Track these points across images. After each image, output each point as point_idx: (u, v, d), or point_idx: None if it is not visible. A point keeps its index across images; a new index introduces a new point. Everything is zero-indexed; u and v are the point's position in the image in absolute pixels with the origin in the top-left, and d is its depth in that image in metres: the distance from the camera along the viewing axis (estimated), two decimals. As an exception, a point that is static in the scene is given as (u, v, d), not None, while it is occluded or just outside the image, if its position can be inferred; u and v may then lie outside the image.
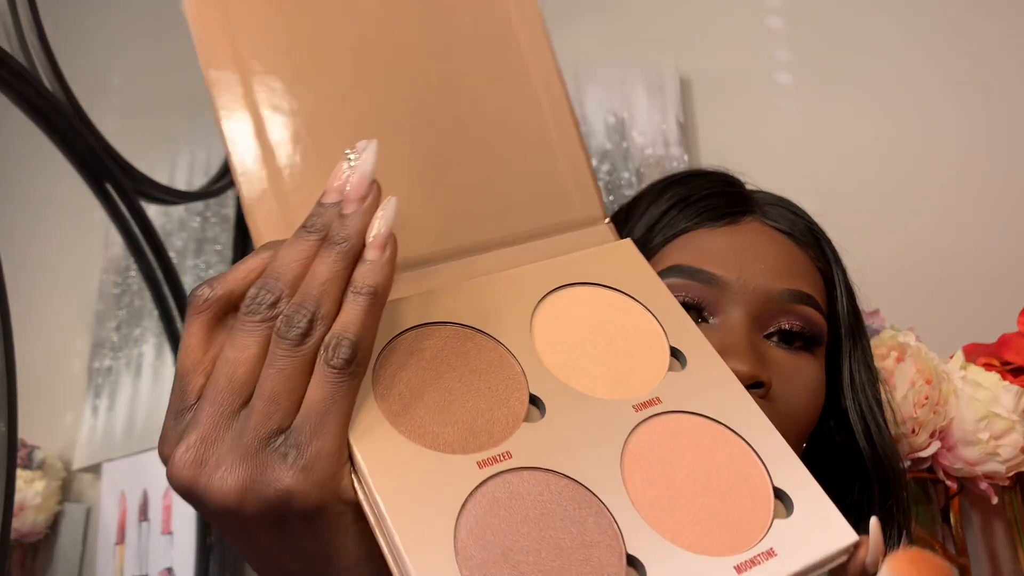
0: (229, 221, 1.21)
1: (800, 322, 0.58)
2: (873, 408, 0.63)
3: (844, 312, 0.63)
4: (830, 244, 0.66)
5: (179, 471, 0.32)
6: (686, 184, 0.65)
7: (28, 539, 0.95)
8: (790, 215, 0.64)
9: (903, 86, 1.43)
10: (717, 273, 0.57)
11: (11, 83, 0.73)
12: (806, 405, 0.58)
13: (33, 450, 0.96)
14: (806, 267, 0.61)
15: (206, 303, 0.34)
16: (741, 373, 0.54)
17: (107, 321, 1.06)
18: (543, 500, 0.34)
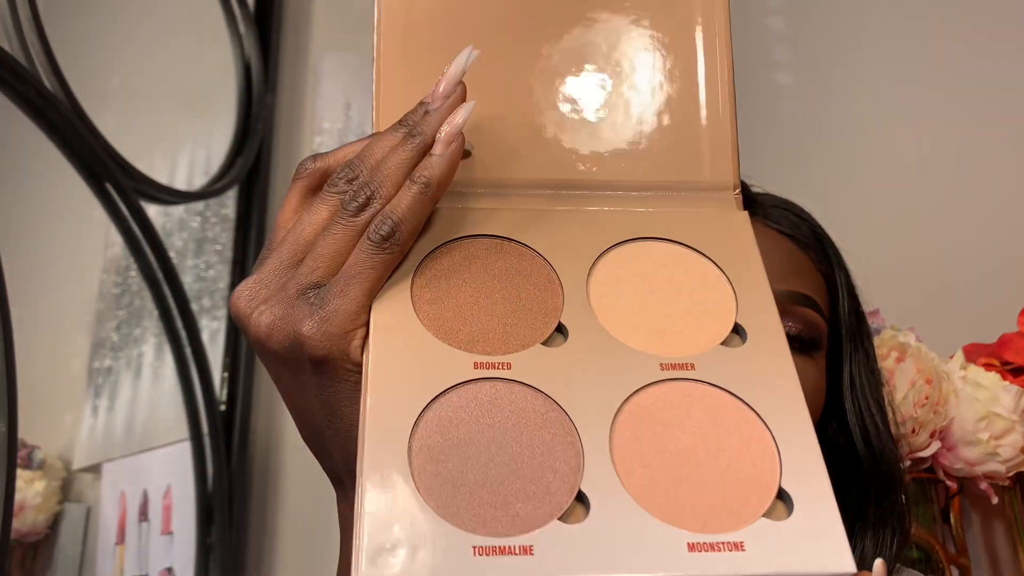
0: (229, 221, 1.21)
1: (799, 324, 0.58)
2: (872, 411, 0.63)
3: (845, 315, 0.63)
4: (833, 247, 0.66)
5: (236, 299, 0.38)
6: None
7: (28, 539, 0.95)
8: (793, 217, 0.65)
9: (903, 86, 1.43)
10: None
11: (11, 83, 0.73)
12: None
13: (33, 450, 0.96)
14: (807, 269, 0.62)
15: (307, 172, 0.40)
16: None
17: (107, 321, 1.06)
18: (520, 416, 0.34)
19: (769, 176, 1.39)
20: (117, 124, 0.93)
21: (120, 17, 1.10)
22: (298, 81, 1.36)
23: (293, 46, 1.38)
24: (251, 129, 1.22)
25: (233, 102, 1.23)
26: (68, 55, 0.83)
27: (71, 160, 0.84)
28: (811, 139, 1.39)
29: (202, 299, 1.15)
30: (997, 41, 1.46)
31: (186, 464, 1.03)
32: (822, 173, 1.37)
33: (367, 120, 1.29)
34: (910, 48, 1.46)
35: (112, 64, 1.07)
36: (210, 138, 1.20)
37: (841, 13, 1.47)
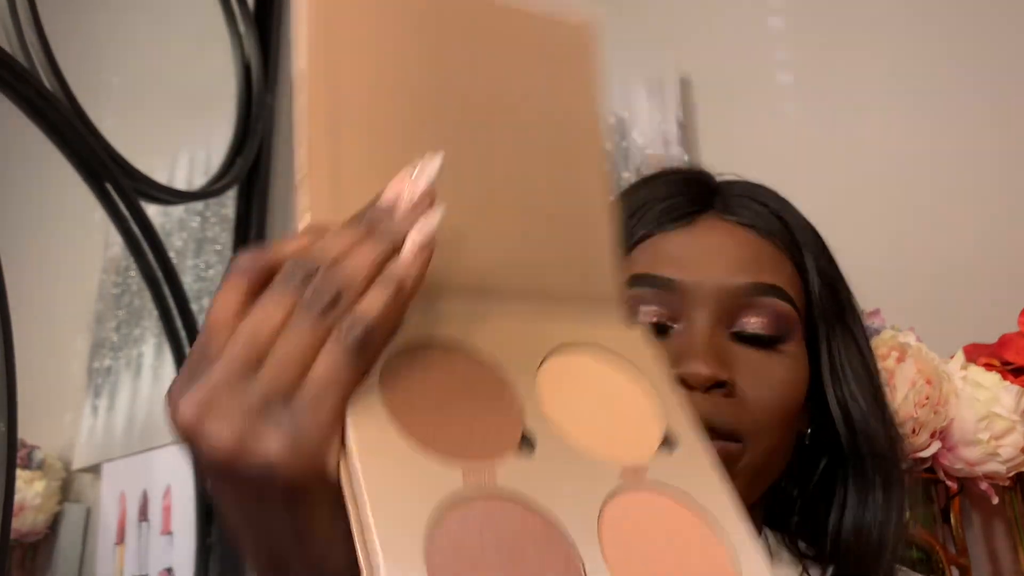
0: (229, 221, 1.20)
1: (765, 316, 0.58)
2: (855, 393, 0.61)
3: (817, 296, 0.61)
4: (804, 229, 0.64)
5: (184, 409, 0.33)
6: (644, 189, 0.66)
7: (28, 539, 0.95)
8: (755, 205, 0.63)
9: (903, 86, 1.43)
10: (674, 277, 0.58)
11: (11, 83, 0.73)
12: (778, 400, 0.57)
13: (33, 450, 0.96)
14: (770, 257, 0.60)
15: (247, 268, 0.35)
16: (699, 375, 0.55)
17: (107, 321, 1.06)
18: (517, 529, 0.35)
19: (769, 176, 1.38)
20: (117, 124, 0.93)
21: (120, 17, 1.10)
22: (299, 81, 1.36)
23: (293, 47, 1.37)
24: (251, 129, 1.22)
25: (233, 102, 1.23)
26: (68, 55, 0.83)
27: (71, 160, 0.84)
28: (811, 139, 1.39)
29: (202, 299, 1.15)
30: (997, 41, 1.46)
31: (186, 464, 1.03)
32: (822, 173, 1.37)
33: (367, 120, 1.30)
34: (910, 48, 1.46)
35: (112, 64, 1.07)
36: (210, 138, 1.20)
37: (841, 13, 1.47)
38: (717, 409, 0.56)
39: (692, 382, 0.55)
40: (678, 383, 0.56)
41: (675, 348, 0.57)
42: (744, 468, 0.57)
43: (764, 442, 0.57)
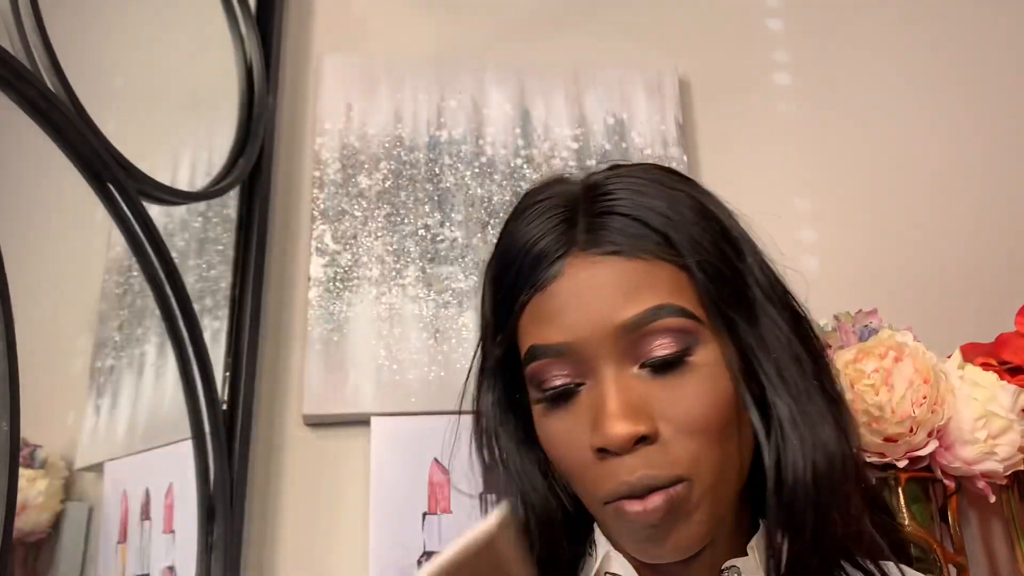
0: (231, 221, 1.21)
1: (661, 338, 0.56)
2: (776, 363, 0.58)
3: (709, 289, 0.58)
4: (676, 221, 0.59)
5: None
6: (509, 237, 0.62)
7: (30, 538, 0.96)
8: (616, 221, 0.59)
9: (902, 87, 1.44)
10: (562, 341, 0.57)
11: (13, 84, 0.73)
12: (703, 415, 0.56)
13: (35, 449, 0.97)
14: (645, 277, 0.57)
15: None
16: (618, 438, 0.54)
17: (109, 321, 1.06)
18: None
19: (768, 176, 1.39)
20: (119, 125, 0.93)
21: (122, 18, 1.11)
22: (299, 82, 1.36)
23: (294, 47, 1.38)
24: (253, 130, 1.22)
25: (235, 103, 1.24)
26: (70, 56, 0.83)
27: (73, 161, 0.84)
28: (809, 140, 1.39)
29: (204, 299, 1.15)
30: (996, 41, 1.47)
31: (188, 463, 1.03)
32: (821, 173, 1.37)
33: (368, 121, 1.30)
34: (908, 48, 1.46)
35: (114, 65, 1.07)
36: (212, 139, 1.21)
37: (841, 13, 1.48)
38: (650, 463, 0.55)
39: (614, 448, 0.55)
40: (601, 454, 0.55)
41: (590, 408, 0.57)
42: (701, 497, 0.56)
43: (707, 464, 0.56)
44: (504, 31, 1.42)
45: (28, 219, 0.94)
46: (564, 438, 0.59)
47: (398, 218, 1.26)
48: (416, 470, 1.13)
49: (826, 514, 0.56)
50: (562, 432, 0.59)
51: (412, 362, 1.18)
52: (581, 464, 0.58)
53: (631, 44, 1.43)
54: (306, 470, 1.16)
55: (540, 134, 1.32)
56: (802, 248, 1.30)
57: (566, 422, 0.59)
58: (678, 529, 0.56)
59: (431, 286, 1.22)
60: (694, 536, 0.57)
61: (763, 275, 0.62)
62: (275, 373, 1.20)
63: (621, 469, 0.56)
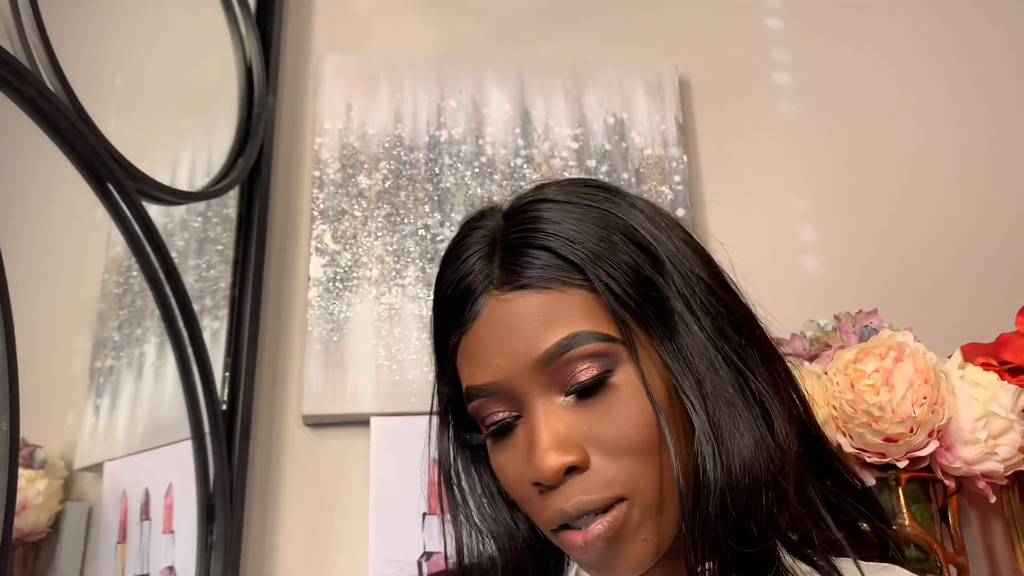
0: (230, 221, 1.21)
1: (579, 366, 0.56)
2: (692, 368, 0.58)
3: (621, 306, 0.57)
4: (583, 244, 0.59)
5: None
6: (438, 290, 0.64)
7: (30, 538, 0.96)
8: (526, 253, 0.59)
9: (902, 87, 1.44)
10: (490, 381, 0.58)
11: (13, 83, 0.73)
12: (630, 436, 0.56)
13: (35, 449, 0.96)
14: (556, 308, 0.57)
15: None
16: (548, 472, 0.55)
17: (109, 321, 1.06)
18: None
19: (767, 176, 1.39)
20: (119, 125, 0.93)
21: (122, 18, 1.11)
22: (299, 82, 1.36)
23: (294, 47, 1.38)
24: (252, 130, 1.22)
25: (234, 103, 1.24)
26: (70, 55, 0.83)
27: (73, 160, 0.84)
28: (808, 140, 1.39)
29: (204, 299, 1.15)
30: (995, 42, 1.47)
31: (188, 463, 1.03)
32: (820, 174, 1.37)
33: (368, 121, 1.30)
34: (908, 48, 1.46)
35: (114, 65, 1.07)
36: (211, 139, 1.20)
37: (840, 14, 1.48)
38: (585, 490, 0.56)
39: (546, 482, 0.56)
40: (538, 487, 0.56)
41: (526, 443, 0.58)
42: (643, 515, 0.56)
43: (644, 480, 0.56)
44: (504, 31, 1.42)
45: (28, 219, 0.94)
46: (509, 472, 0.60)
47: (398, 218, 1.26)
48: (416, 470, 1.12)
49: (744, 523, 0.55)
50: (507, 466, 0.60)
51: (412, 362, 1.18)
52: (524, 496, 0.60)
53: (631, 44, 1.42)
54: (306, 470, 1.16)
55: (540, 134, 1.32)
56: (802, 248, 1.30)
57: (508, 456, 0.60)
58: (625, 550, 0.57)
59: (431, 286, 1.22)
60: (643, 554, 0.57)
61: (683, 281, 0.60)
62: (275, 373, 1.20)
63: (557, 499, 0.57)
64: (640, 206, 0.63)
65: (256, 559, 1.11)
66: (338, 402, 1.15)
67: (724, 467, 0.56)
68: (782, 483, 0.57)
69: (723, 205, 1.31)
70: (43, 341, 0.92)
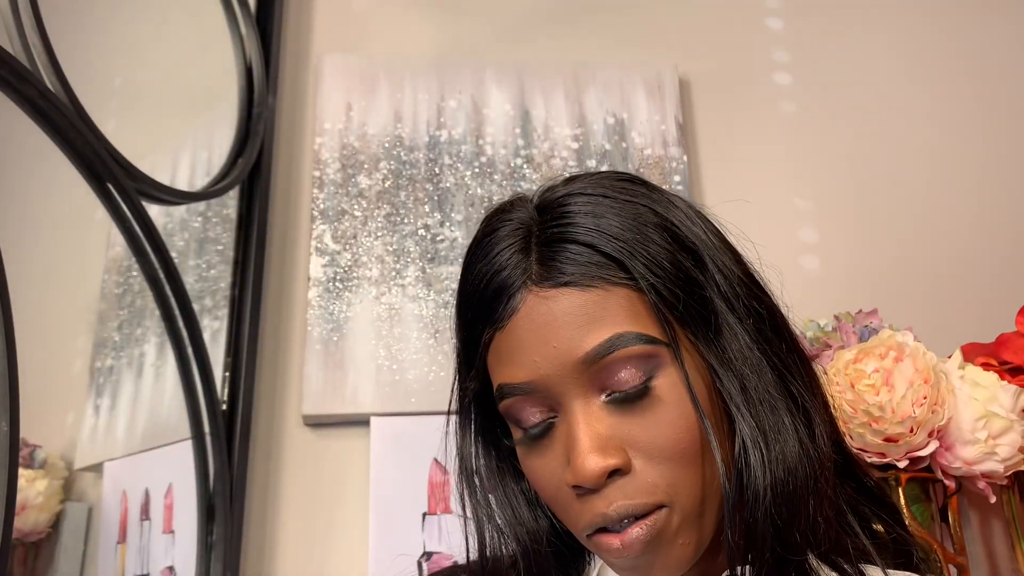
0: (230, 221, 1.21)
1: (622, 369, 0.55)
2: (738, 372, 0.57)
3: (667, 307, 0.56)
4: (628, 242, 0.57)
5: None
6: (468, 284, 0.61)
7: (30, 538, 0.96)
8: (567, 249, 0.57)
9: (902, 87, 1.44)
10: (527, 380, 0.56)
11: (13, 83, 0.73)
12: (673, 441, 0.55)
13: (35, 449, 0.96)
14: (599, 307, 0.56)
15: None
16: (590, 476, 0.53)
17: (109, 321, 1.06)
18: None
19: (767, 176, 1.39)
20: (119, 125, 0.93)
21: (122, 17, 1.11)
22: (299, 82, 1.36)
23: (294, 47, 1.38)
24: (252, 130, 1.22)
25: (234, 103, 1.24)
26: (70, 55, 0.83)
27: (73, 160, 0.84)
28: (808, 140, 1.39)
29: (204, 299, 1.15)
30: (995, 42, 1.47)
31: (188, 463, 1.03)
32: (820, 174, 1.37)
33: (368, 121, 1.30)
34: (909, 48, 1.46)
35: (114, 65, 1.07)
36: (211, 139, 1.20)
37: (840, 14, 1.48)
38: (627, 494, 0.54)
39: (588, 485, 0.54)
40: (577, 490, 0.55)
41: (564, 445, 0.56)
42: (682, 521, 0.56)
43: (685, 487, 0.55)
44: (504, 31, 1.42)
45: (28, 219, 0.94)
46: (544, 475, 0.58)
47: (398, 218, 1.26)
48: (416, 470, 1.12)
49: (788, 529, 0.55)
50: (542, 469, 0.59)
51: (412, 362, 1.18)
52: (558, 499, 0.58)
53: (631, 44, 1.42)
54: (306, 470, 1.16)
55: (540, 134, 1.32)
56: (802, 248, 1.30)
57: (543, 458, 0.58)
58: (662, 555, 0.56)
59: (431, 286, 1.22)
60: (680, 558, 0.57)
61: (725, 281, 0.59)
62: (275, 373, 1.20)
63: (599, 502, 0.55)
64: (677, 203, 0.62)
65: (256, 559, 1.11)
66: (338, 402, 1.15)
67: (771, 473, 0.55)
68: (824, 489, 0.56)
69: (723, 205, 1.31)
70: (43, 341, 0.92)
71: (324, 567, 1.12)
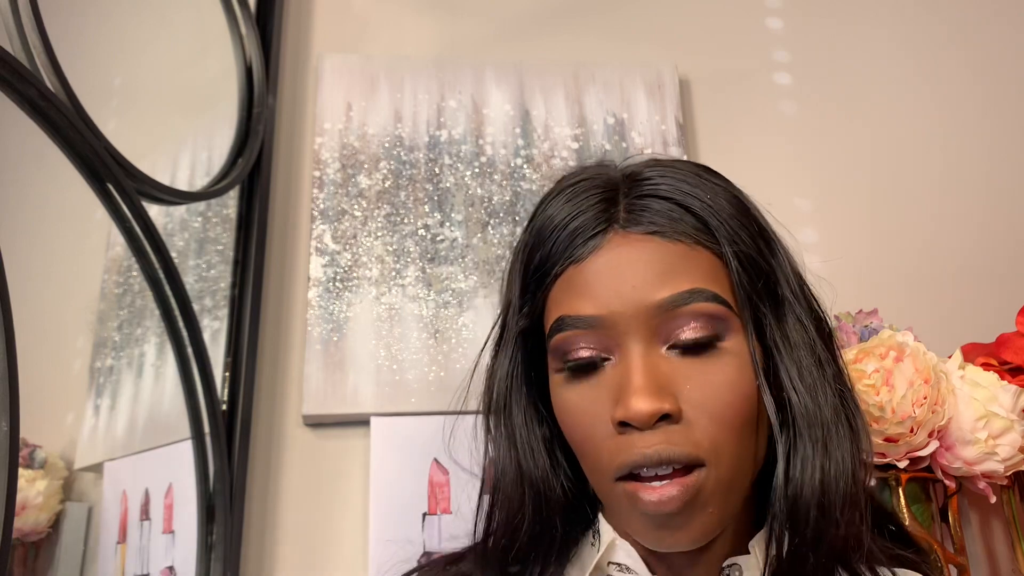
0: (230, 221, 1.21)
1: (694, 322, 0.56)
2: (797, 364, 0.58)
3: (743, 281, 0.58)
4: (718, 210, 0.59)
5: None
6: (547, 210, 0.62)
7: (30, 538, 0.96)
8: (657, 203, 0.59)
9: (902, 86, 1.44)
10: (594, 314, 0.57)
11: (13, 84, 0.73)
12: (727, 403, 0.56)
13: (35, 449, 0.96)
14: (683, 260, 0.57)
15: None
16: (641, 414, 0.54)
17: (109, 321, 1.06)
18: None
19: (768, 176, 1.39)
20: (119, 125, 0.93)
21: (122, 18, 1.11)
22: (299, 82, 1.36)
23: (294, 47, 1.38)
24: (252, 130, 1.22)
25: (234, 103, 1.24)
26: (70, 55, 0.83)
27: (73, 161, 0.84)
28: (809, 139, 1.39)
29: (204, 299, 1.15)
30: (996, 42, 1.47)
31: (188, 463, 1.03)
32: (820, 174, 1.37)
33: (368, 121, 1.30)
34: (909, 48, 1.46)
35: (114, 65, 1.07)
36: (211, 139, 1.20)
37: (840, 14, 1.48)
38: (670, 440, 0.55)
39: (637, 423, 0.54)
40: (622, 428, 0.55)
41: (615, 382, 0.57)
42: (716, 487, 0.56)
43: (726, 452, 0.56)
44: (504, 31, 1.42)
45: (28, 219, 0.94)
46: (584, 408, 0.58)
47: (398, 218, 1.26)
48: (416, 470, 1.12)
49: (829, 519, 0.56)
50: (582, 403, 0.59)
51: (412, 362, 1.18)
52: (598, 436, 0.58)
53: (631, 43, 1.42)
54: (306, 470, 1.16)
55: (540, 134, 1.32)
56: (802, 248, 1.30)
57: (588, 394, 0.58)
58: (692, 519, 0.56)
59: (431, 286, 1.22)
60: (707, 525, 0.57)
61: (793, 276, 0.62)
62: (275, 373, 1.20)
63: (640, 441, 0.55)
64: (754, 202, 0.64)
65: (256, 559, 1.11)
66: (338, 402, 1.15)
67: (821, 459, 0.56)
68: (863, 486, 0.58)
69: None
70: (43, 341, 0.92)
71: (324, 567, 1.12)
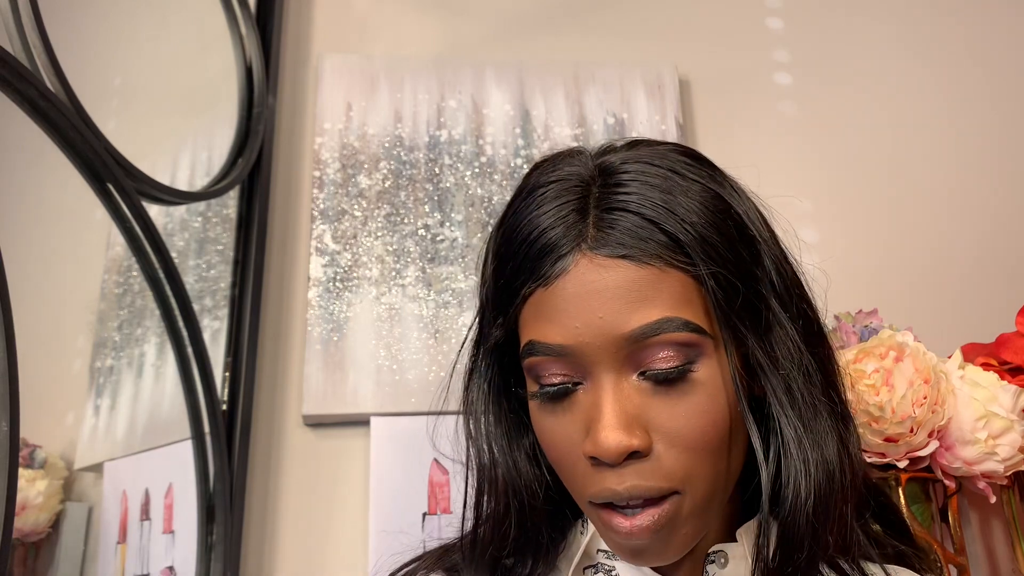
0: (230, 221, 1.21)
1: (663, 354, 0.54)
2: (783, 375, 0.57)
3: (720, 300, 0.55)
4: (692, 225, 0.56)
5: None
6: (514, 217, 0.59)
7: (30, 538, 0.96)
8: (628, 219, 0.56)
9: (901, 86, 1.44)
10: (563, 343, 0.55)
11: (13, 83, 0.73)
12: (699, 430, 0.54)
13: (35, 449, 0.96)
14: (652, 287, 0.54)
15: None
16: (610, 451, 0.53)
17: (109, 321, 1.06)
18: None
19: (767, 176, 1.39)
20: (119, 125, 0.93)
21: (122, 18, 1.11)
22: (299, 82, 1.36)
23: (294, 47, 1.38)
24: (252, 130, 1.22)
25: (235, 103, 1.24)
26: (70, 55, 0.83)
27: (73, 161, 0.84)
28: (809, 140, 1.39)
29: (204, 299, 1.15)
30: (995, 42, 1.47)
31: (188, 463, 1.03)
32: (820, 174, 1.37)
33: (368, 121, 1.30)
34: (908, 48, 1.46)
35: (114, 65, 1.07)
36: (212, 139, 1.20)
37: (840, 14, 1.48)
38: (641, 475, 0.54)
39: (606, 460, 0.53)
40: (593, 461, 0.55)
41: (586, 410, 0.55)
42: (692, 510, 0.56)
43: (701, 476, 0.55)
44: (504, 31, 1.42)
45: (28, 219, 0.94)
46: (559, 434, 0.57)
47: (398, 218, 1.26)
48: (416, 470, 1.12)
49: (823, 530, 0.55)
50: (557, 428, 0.58)
51: (412, 362, 1.18)
52: (569, 464, 0.57)
53: (631, 43, 1.42)
54: (306, 470, 1.16)
55: (540, 134, 1.32)
56: (802, 248, 1.30)
57: (561, 420, 0.57)
58: (668, 541, 0.56)
59: (431, 286, 1.22)
60: (681, 544, 0.57)
61: (779, 279, 0.60)
62: (275, 373, 1.20)
63: (612, 477, 0.54)
64: (738, 189, 0.62)
65: (256, 559, 1.11)
66: (338, 402, 1.15)
67: (813, 477, 0.55)
68: (857, 494, 0.57)
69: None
70: (43, 341, 0.92)
71: (324, 567, 1.12)
